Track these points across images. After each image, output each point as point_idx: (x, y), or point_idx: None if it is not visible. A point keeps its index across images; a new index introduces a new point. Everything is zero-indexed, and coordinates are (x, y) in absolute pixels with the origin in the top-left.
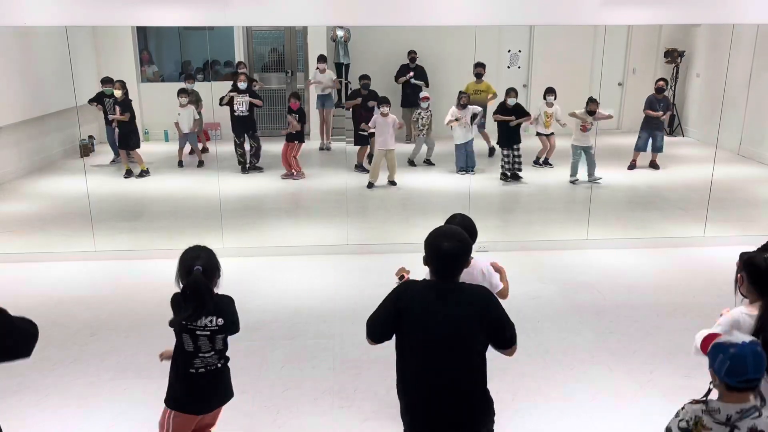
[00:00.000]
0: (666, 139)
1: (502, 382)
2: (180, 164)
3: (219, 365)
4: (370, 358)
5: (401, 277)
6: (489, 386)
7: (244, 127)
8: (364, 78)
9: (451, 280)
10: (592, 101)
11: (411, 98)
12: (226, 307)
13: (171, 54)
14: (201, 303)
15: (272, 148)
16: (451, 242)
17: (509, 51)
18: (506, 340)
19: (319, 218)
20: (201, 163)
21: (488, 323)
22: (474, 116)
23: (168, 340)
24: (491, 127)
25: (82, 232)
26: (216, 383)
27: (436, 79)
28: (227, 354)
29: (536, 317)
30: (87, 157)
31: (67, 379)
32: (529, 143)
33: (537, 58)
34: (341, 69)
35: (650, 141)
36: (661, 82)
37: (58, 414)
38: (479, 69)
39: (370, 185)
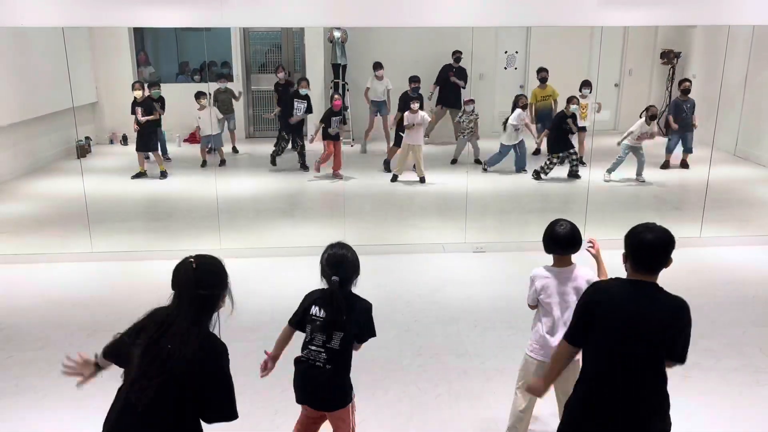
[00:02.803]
0: (660, 140)
1: (500, 382)
2: (203, 164)
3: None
4: (368, 359)
5: None
6: (487, 387)
7: (294, 127)
8: (414, 81)
9: (652, 274)
10: (652, 107)
11: (449, 98)
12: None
13: (168, 55)
14: (332, 317)
15: (269, 149)
16: (655, 233)
17: (506, 52)
18: (678, 355)
19: (317, 219)
20: (223, 162)
21: (672, 331)
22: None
23: None
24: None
25: (79, 233)
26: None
27: (434, 80)
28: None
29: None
30: (84, 158)
31: (64, 381)
32: (530, 143)
33: (534, 60)
34: (338, 70)
35: (680, 142)
36: (686, 83)
37: (55, 415)
38: (543, 74)
39: (394, 178)
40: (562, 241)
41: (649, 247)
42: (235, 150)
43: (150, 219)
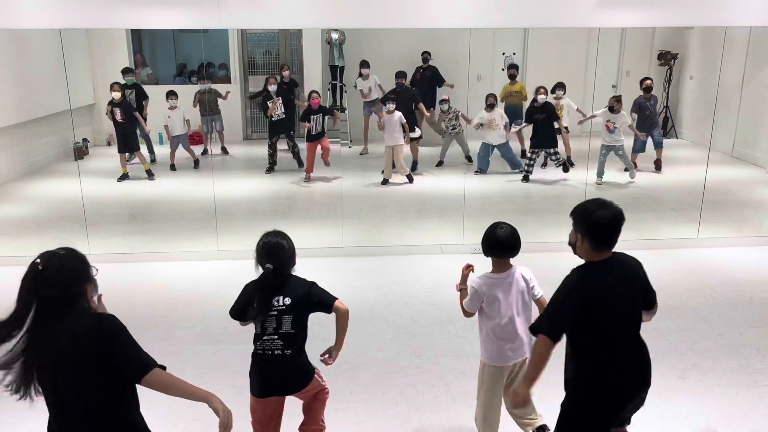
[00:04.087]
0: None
1: None
2: (172, 167)
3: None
4: (365, 360)
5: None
6: None
7: (280, 129)
8: (399, 76)
9: (610, 250)
10: (616, 100)
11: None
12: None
13: (166, 57)
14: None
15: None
16: (611, 210)
17: (503, 53)
18: (653, 301)
19: (314, 220)
20: (197, 163)
21: (644, 285)
22: (506, 124)
23: (163, 342)
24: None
25: (76, 235)
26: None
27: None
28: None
29: (531, 319)
30: (81, 159)
31: None
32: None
33: (531, 61)
34: (336, 71)
35: (648, 141)
36: (648, 81)
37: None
38: (513, 70)
39: (385, 182)
40: (502, 244)
41: (609, 224)
42: (224, 150)
43: (147, 221)
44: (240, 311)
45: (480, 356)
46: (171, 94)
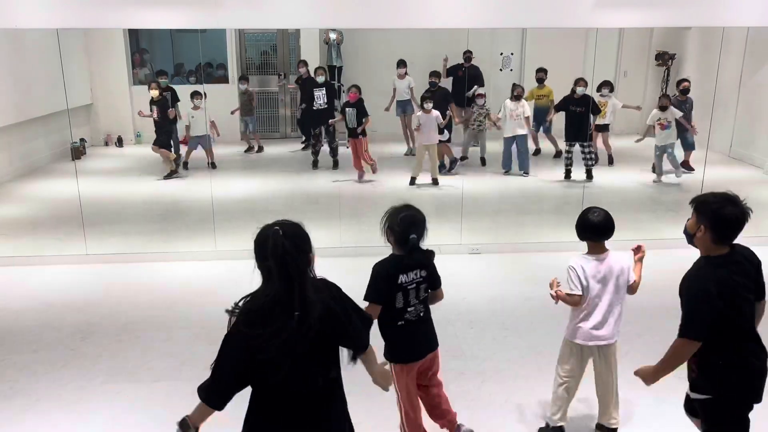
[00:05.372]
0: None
1: (496, 383)
2: (185, 165)
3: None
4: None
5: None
6: (483, 388)
7: (320, 120)
8: (433, 75)
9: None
10: (664, 96)
11: (462, 97)
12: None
13: (163, 56)
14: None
15: (270, 150)
16: (739, 207)
17: (502, 54)
18: (762, 295)
19: (312, 220)
20: (213, 165)
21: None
22: (528, 118)
23: (162, 343)
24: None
25: (73, 236)
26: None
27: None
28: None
29: (529, 319)
30: (78, 159)
31: (59, 383)
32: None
33: (529, 61)
34: (334, 71)
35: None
36: (685, 83)
37: (49, 418)
38: (541, 74)
39: (412, 181)
40: (597, 227)
41: (737, 221)
42: (260, 148)
43: (145, 221)
44: (382, 292)
45: (564, 335)
46: (196, 95)
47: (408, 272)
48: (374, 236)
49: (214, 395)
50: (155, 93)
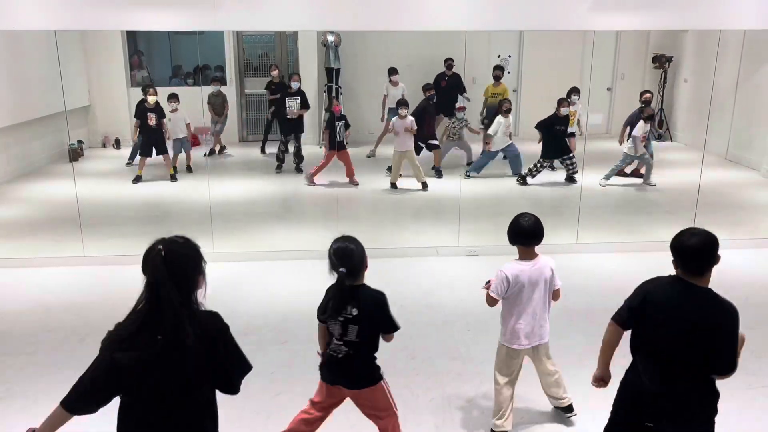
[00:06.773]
0: (654, 144)
1: (493, 386)
2: (174, 170)
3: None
4: None
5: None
6: (480, 391)
7: (292, 128)
8: (428, 88)
9: (701, 276)
10: (647, 106)
11: (446, 107)
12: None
13: (161, 58)
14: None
15: (270, 150)
16: (699, 237)
17: (499, 56)
18: (724, 366)
19: (311, 222)
20: (189, 169)
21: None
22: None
23: None
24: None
25: (71, 237)
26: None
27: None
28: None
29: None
30: (76, 161)
31: (56, 386)
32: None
33: (527, 64)
34: (332, 74)
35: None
36: (647, 95)
37: None
38: (498, 72)
39: (393, 186)
40: (527, 232)
41: (694, 251)
42: (222, 148)
43: (142, 223)
44: (320, 311)
45: (499, 339)
46: (172, 97)
47: (339, 305)
48: (371, 238)
49: (73, 394)
50: (153, 99)
